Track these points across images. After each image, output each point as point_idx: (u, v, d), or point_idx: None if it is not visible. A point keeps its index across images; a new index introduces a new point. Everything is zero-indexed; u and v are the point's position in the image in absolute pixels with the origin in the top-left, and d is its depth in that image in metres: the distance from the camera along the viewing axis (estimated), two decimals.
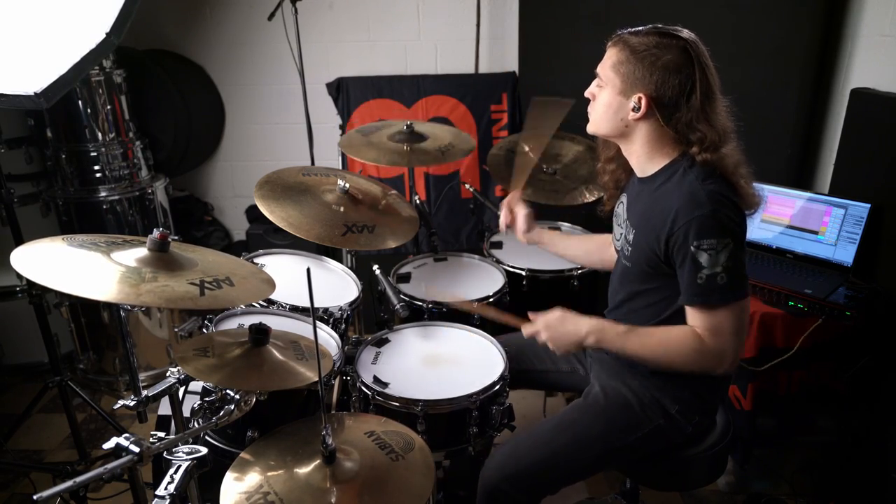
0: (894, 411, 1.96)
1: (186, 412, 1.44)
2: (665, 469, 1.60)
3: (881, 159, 2.12)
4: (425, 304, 1.96)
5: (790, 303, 2.01)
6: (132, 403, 1.30)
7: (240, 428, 1.52)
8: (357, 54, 3.38)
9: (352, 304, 1.92)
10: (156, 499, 1.12)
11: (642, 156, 1.48)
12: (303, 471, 1.24)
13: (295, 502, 1.17)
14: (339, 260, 2.18)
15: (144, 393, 1.32)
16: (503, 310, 2.06)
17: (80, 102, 2.63)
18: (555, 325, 1.48)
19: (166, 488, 1.13)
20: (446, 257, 2.31)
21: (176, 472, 1.16)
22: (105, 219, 2.75)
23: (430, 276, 2.19)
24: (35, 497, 1.02)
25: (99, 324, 2.82)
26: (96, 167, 2.72)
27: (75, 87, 2.54)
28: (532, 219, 1.88)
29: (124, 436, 1.16)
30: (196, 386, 1.50)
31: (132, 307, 2.71)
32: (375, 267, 1.97)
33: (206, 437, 1.58)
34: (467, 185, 2.64)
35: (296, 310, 1.83)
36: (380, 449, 1.32)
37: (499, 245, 2.37)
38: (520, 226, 1.88)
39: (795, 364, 1.99)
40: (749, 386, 2.05)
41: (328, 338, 1.78)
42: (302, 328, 1.74)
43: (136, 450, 1.13)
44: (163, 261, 1.27)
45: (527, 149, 2.07)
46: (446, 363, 1.74)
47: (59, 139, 2.69)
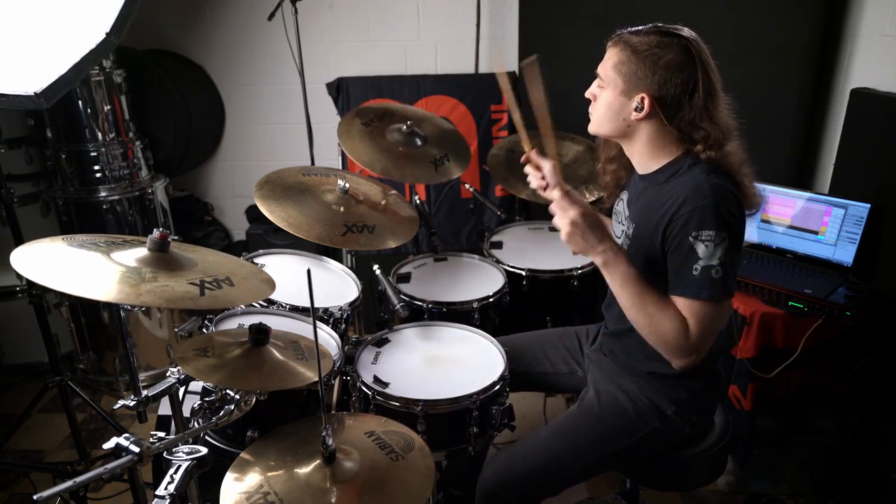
0: (894, 411, 1.96)
1: (186, 412, 1.44)
2: (665, 469, 1.60)
3: (881, 159, 2.12)
4: (425, 304, 1.96)
5: (790, 303, 2.00)
6: (132, 403, 1.30)
7: (240, 428, 1.51)
8: (357, 54, 3.38)
9: (352, 304, 1.92)
10: (156, 499, 1.12)
11: (645, 154, 1.48)
12: (303, 471, 1.24)
13: (295, 502, 1.17)
14: (339, 260, 2.18)
15: (144, 393, 1.32)
16: (502, 313, 2.07)
17: (80, 102, 2.63)
18: (587, 221, 1.36)
19: (166, 488, 1.13)
20: (446, 257, 2.31)
21: (176, 472, 1.16)
22: (105, 219, 2.75)
23: (430, 276, 2.19)
24: (35, 497, 1.02)
25: (99, 324, 2.82)
26: (96, 167, 2.72)
27: (75, 87, 2.54)
28: (559, 171, 1.64)
29: (124, 436, 1.16)
30: (196, 386, 1.50)
31: (132, 307, 2.71)
32: (375, 267, 1.97)
33: (206, 437, 1.58)
34: (467, 185, 2.64)
35: (296, 310, 1.83)
36: (380, 449, 1.32)
37: (499, 245, 2.37)
38: (551, 177, 1.59)
39: (795, 364, 1.99)
40: (749, 386, 2.05)
41: (328, 338, 1.78)
42: (302, 328, 1.74)
43: (136, 450, 1.14)
44: (163, 261, 1.27)
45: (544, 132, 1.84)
46: (446, 363, 1.74)
47: (59, 139, 2.69)
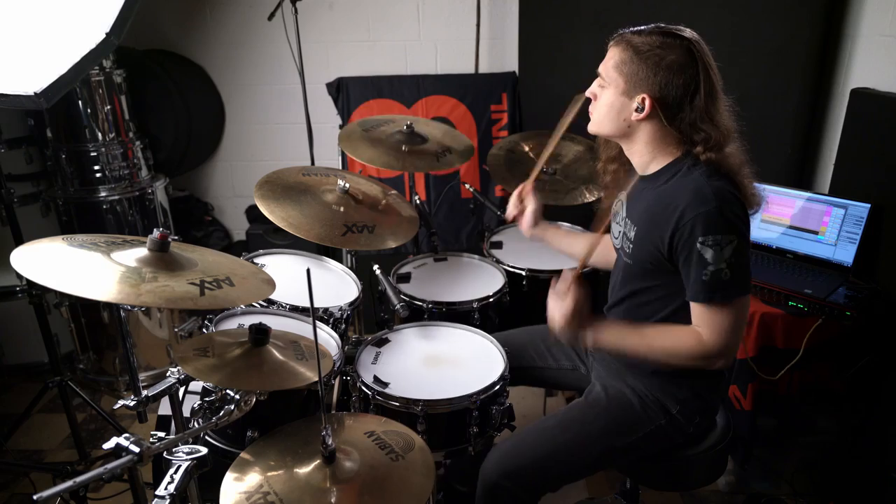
0: (894, 411, 1.96)
1: (186, 412, 1.44)
2: (665, 469, 1.60)
3: (881, 159, 2.12)
4: (425, 304, 1.96)
5: (790, 303, 2.00)
6: (132, 403, 1.29)
7: (240, 428, 1.51)
8: (357, 54, 3.38)
9: (352, 304, 1.92)
10: (156, 499, 1.12)
11: (645, 155, 1.48)
12: (303, 471, 1.24)
13: (295, 502, 1.17)
14: (339, 260, 2.18)
15: (144, 393, 1.32)
16: (502, 313, 2.07)
17: (80, 102, 2.63)
18: (574, 319, 1.46)
19: (166, 488, 1.13)
20: (446, 257, 2.31)
21: (176, 472, 1.17)
22: (105, 219, 2.75)
23: (430, 276, 2.19)
24: (35, 497, 1.02)
25: (99, 324, 2.82)
26: (96, 167, 2.72)
27: (75, 87, 2.54)
28: (540, 214, 1.86)
29: (124, 436, 1.16)
30: (196, 386, 1.50)
31: (132, 307, 2.71)
32: (375, 267, 1.97)
33: (206, 437, 1.58)
34: (467, 185, 2.64)
35: (296, 310, 1.83)
36: (380, 449, 1.32)
37: (499, 245, 2.37)
38: (527, 219, 1.86)
39: (795, 364, 1.99)
40: (749, 386, 2.05)
41: (328, 338, 1.78)
42: (302, 328, 1.74)
43: (136, 450, 1.14)
44: (163, 261, 1.27)
45: (552, 144, 1.93)
46: (446, 363, 1.74)
47: (59, 139, 2.69)
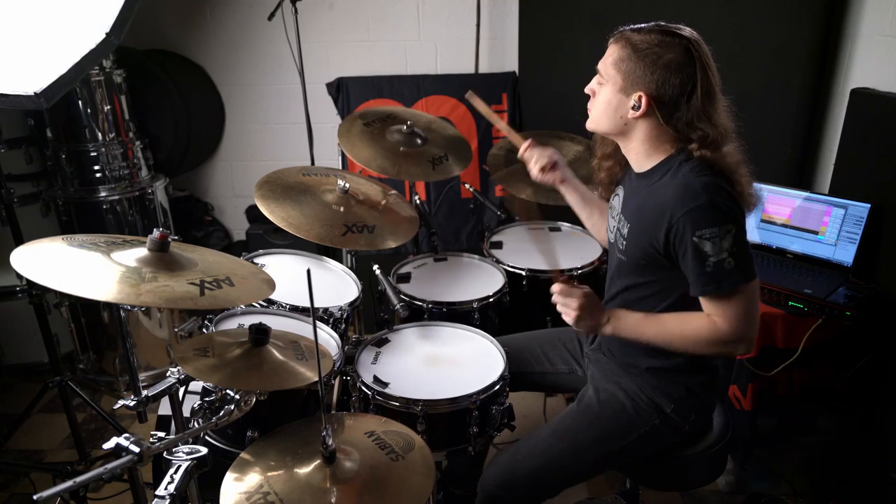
0: (894, 411, 1.96)
1: (186, 412, 1.44)
2: (665, 469, 1.60)
3: (881, 159, 2.12)
4: (425, 304, 1.96)
5: (790, 303, 2.00)
6: (132, 403, 1.30)
7: (240, 428, 1.51)
8: (357, 54, 3.38)
9: (352, 304, 1.92)
10: (156, 499, 1.12)
11: (641, 153, 1.48)
12: (303, 471, 1.24)
13: (295, 502, 1.17)
14: (339, 260, 2.18)
15: (144, 393, 1.32)
16: (502, 313, 2.07)
17: (80, 102, 2.63)
18: (589, 306, 1.46)
19: (166, 488, 1.13)
20: (446, 257, 2.31)
21: (176, 472, 1.17)
22: (105, 219, 2.75)
23: (430, 276, 2.19)
24: (35, 497, 1.02)
25: (99, 324, 2.82)
26: (96, 167, 2.72)
27: (75, 87, 2.54)
28: (561, 165, 1.85)
29: (124, 436, 1.16)
30: (196, 386, 1.50)
31: (132, 307, 2.71)
32: (375, 267, 1.97)
33: (206, 437, 1.58)
34: (467, 185, 2.64)
35: (296, 310, 1.83)
36: (380, 449, 1.32)
37: (499, 245, 2.36)
38: (545, 173, 1.85)
39: (795, 364, 1.99)
40: (749, 386, 2.05)
41: (328, 338, 1.78)
42: (302, 328, 1.74)
43: (136, 450, 1.14)
44: (163, 261, 1.27)
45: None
46: (446, 363, 1.74)
47: (59, 139, 2.69)
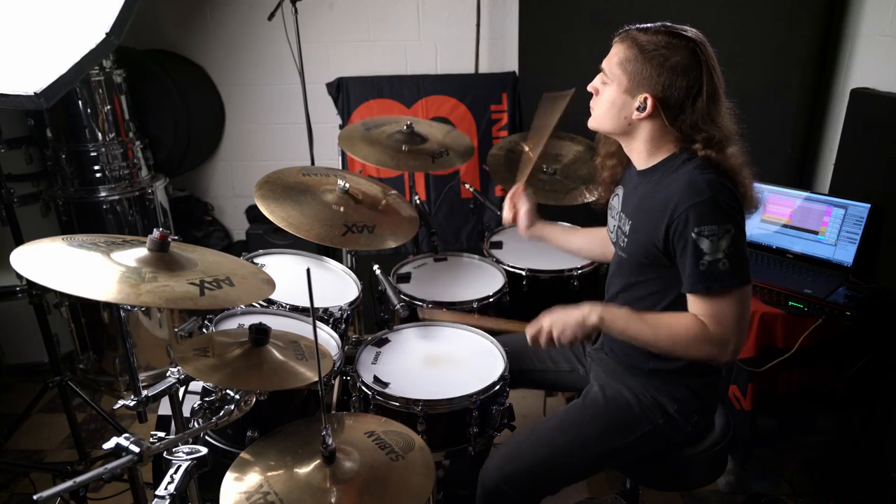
0: (894, 411, 1.96)
1: (186, 412, 1.44)
2: (665, 469, 1.60)
3: (881, 159, 2.12)
4: (425, 304, 1.96)
5: (790, 303, 2.00)
6: (132, 403, 1.29)
7: (240, 428, 1.51)
8: (357, 54, 3.38)
9: (352, 304, 1.92)
10: (156, 499, 1.12)
11: (643, 151, 1.48)
12: (303, 471, 1.24)
13: (295, 502, 1.17)
14: (339, 260, 2.18)
15: (144, 393, 1.32)
16: (502, 312, 2.07)
17: (80, 102, 2.63)
18: (558, 315, 1.47)
19: (166, 488, 1.13)
20: (446, 257, 2.31)
21: (176, 472, 1.17)
22: (105, 219, 2.75)
23: (430, 276, 2.19)
24: (35, 497, 1.02)
25: (99, 324, 2.82)
26: (96, 167, 2.72)
27: (75, 87, 2.54)
28: (534, 214, 1.90)
29: (124, 436, 1.16)
30: (196, 386, 1.50)
31: (132, 307, 2.71)
32: (375, 267, 1.97)
33: (206, 437, 1.58)
34: (467, 185, 2.64)
35: (296, 310, 1.83)
36: (380, 449, 1.32)
37: (499, 245, 2.36)
38: (521, 222, 1.90)
39: (795, 364, 1.99)
40: (749, 386, 2.05)
41: (328, 338, 1.78)
42: (302, 328, 1.74)
43: (136, 450, 1.14)
44: (163, 261, 1.27)
45: (527, 148, 2.07)
46: (446, 363, 1.74)
47: (59, 139, 2.69)
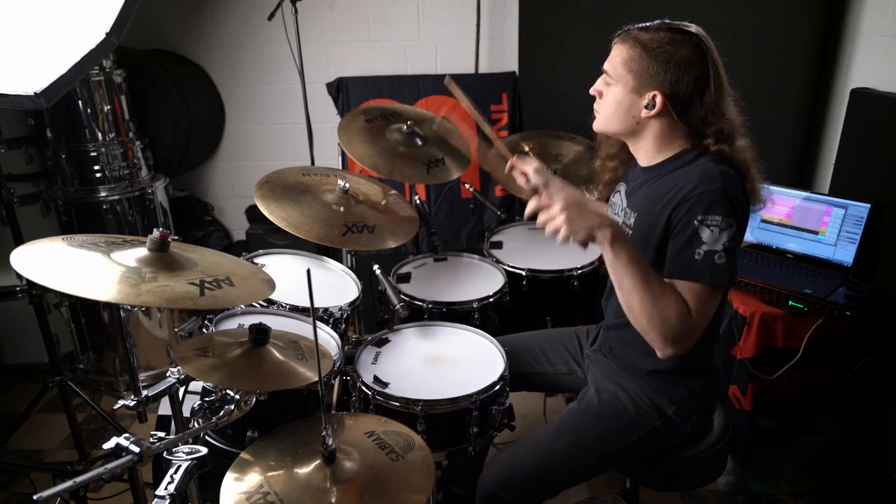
0: (894, 411, 1.96)
1: (186, 412, 1.44)
2: (665, 469, 1.60)
3: (881, 159, 2.12)
4: (425, 304, 1.96)
5: (790, 303, 2.00)
6: (132, 403, 1.29)
7: (240, 428, 1.51)
8: (357, 54, 3.38)
9: (352, 304, 1.92)
10: (156, 499, 1.12)
11: (651, 149, 1.47)
12: (303, 471, 1.24)
13: (295, 502, 1.17)
14: (339, 260, 2.18)
15: (144, 393, 1.32)
16: (502, 313, 2.06)
17: (80, 102, 2.63)
18: (579, 201, 1.28)
19: (166, 488, 1.13)
20: (446, 257, 2.31)
21: (176, 472, 1.16)
22: (105, 219, 2.75)
23: (430, 276, 2.19)
24: (35, 497, 1.02)
25: (99, 324, 2.82)
26: (96, 167, 2.72)
27: (75, 87, 2.54)
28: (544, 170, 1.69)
29: (124, 436, 1.16)
30: (196, 386, 1.50)
31: (132, 307, 2.71)
32: (375, 267, 1.97)
33: (206, 437, 1.58)
34: (467, 185, 2.64)
35: (296, 310, 1.83)
36: (380, 449, 1.32)
37: (499, 245, 2.36)
38: (535, 179, 1.61)
39: (795, 364, 1.99)
40: (749, 386, 2.05)
41: (328, 338, 1.78)
42: (302, 328, 1.74)
43: (136, 450, 1.14)
44: (163, 261, 1.27)
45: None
46: (446, 363, 1.74)
47: (59, 139, 2.69)
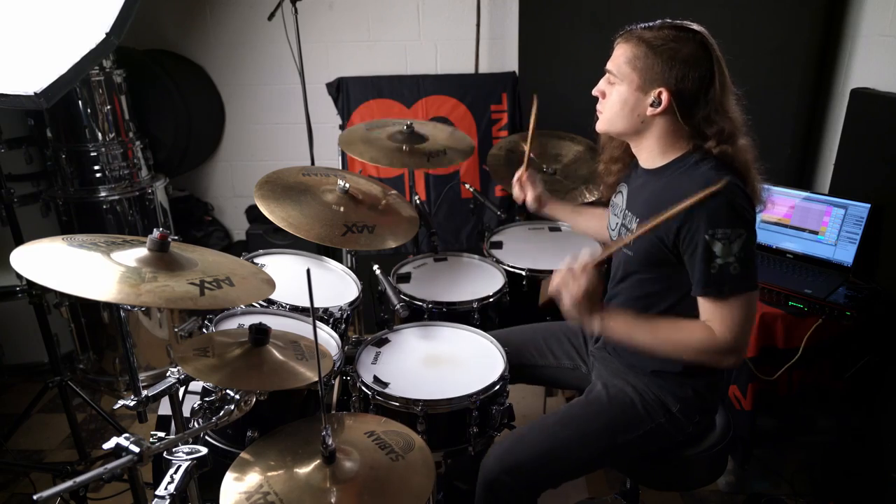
0: (894, 411, 1.96)
1: (186, 412, 1.44)
2: (665, 469, 1.60)
3: (881, 159, 2.12)
4: (425, 304, 1.96)
5: (790, 303, 2.01)
6: (132, 403, 1.29)
7: (240, 428, 1.51)
8: (357, 54, 3.38)
9: (352, 304, 1.92)
10: (156, 499, 1.12)
11: (654, 150, 1.47)
12: (303, 471, 1.24)
13: (295, 502, 1.17)
14: (339, 260, 2.18)
15: (144, 393, 1.32)
16: (502, 313, 2.07)
17: (80, 102, 2.63)
18: (587, 303, 1.39)
19: (166, 488, 1.13)
20: (446, 257, 2.31)
21: (176, 472, 1.17)
22: (105, 219, 2.75)
23: (430, 276, 2.19)
24: (35, 497, 1.02)
25: (99, 324, 2.82)
26: (96, 167, 2.72)
27: (75, 87, 2.54)
28: (542, 197, 1.96)
29: (124, 436, 1.16)
30: (196, 386, 1.50)
31: (132, 307, 2.71)
32: (375, 267, 1.97)
33: (206, 437, 1.58)
34: (467, 185, 2.64)
35: (296, 310, 1.83)
36: (380, 449, 1.32)
37: (499, 245, 2.36)
38: (530, 205, 1.97)
39: (795, 364, 1.99)
40: (749, 386, 2.05)
41: (328, 338, 1.78)
42: (302, 328, 1.74)
43: (136, 450, 1.14)
44: (163, 261, 1.27)
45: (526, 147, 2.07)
46: (446, 363, 1.74)
47: (59, 139, 2.69)
